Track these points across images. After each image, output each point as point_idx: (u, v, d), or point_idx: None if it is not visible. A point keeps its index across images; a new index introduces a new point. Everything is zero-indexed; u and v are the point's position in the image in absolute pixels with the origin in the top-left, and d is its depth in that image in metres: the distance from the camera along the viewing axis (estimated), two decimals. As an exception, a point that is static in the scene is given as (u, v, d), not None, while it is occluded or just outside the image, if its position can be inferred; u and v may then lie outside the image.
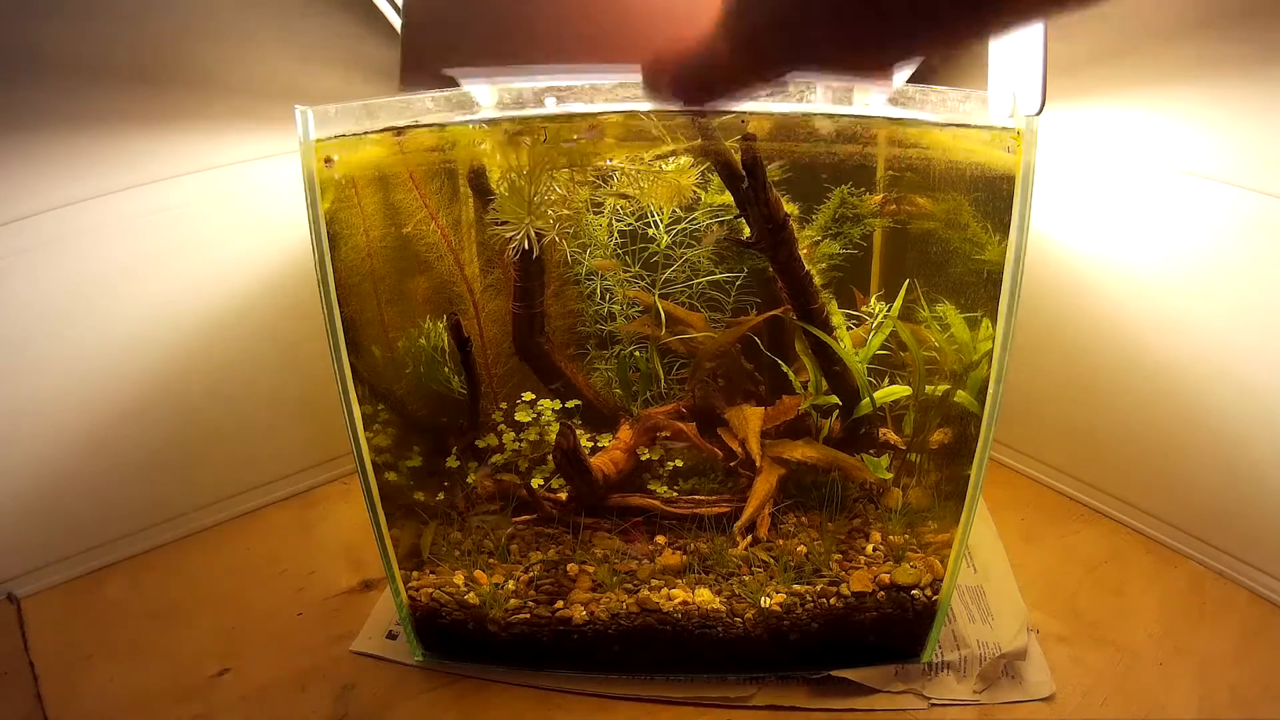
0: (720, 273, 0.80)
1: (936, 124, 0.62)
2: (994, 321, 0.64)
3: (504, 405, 0.84)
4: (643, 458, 0.84)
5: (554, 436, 0.78)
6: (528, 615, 0.76)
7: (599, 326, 0.83)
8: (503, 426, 0.84)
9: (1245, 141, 0.77)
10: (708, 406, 0.85)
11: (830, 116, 0.61)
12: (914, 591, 0.75)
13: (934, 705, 0.75)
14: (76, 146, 0.81)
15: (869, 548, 0.80)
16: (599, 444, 0.84)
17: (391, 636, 0.83)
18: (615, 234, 0.79)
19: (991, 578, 0.89)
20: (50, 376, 0.86)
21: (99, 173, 0.83)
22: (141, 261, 0.88)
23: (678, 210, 0.77)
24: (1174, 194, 0.83)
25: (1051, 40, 0.65)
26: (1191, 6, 0.77)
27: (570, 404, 0.84)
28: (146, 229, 0.87)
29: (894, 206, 0.78)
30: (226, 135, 0.89)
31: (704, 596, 0.76)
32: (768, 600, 0.75)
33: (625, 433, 0.84)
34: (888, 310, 0.79)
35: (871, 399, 0.80)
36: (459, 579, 0.78)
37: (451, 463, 0.82)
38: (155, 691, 0.77)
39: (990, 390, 0.66)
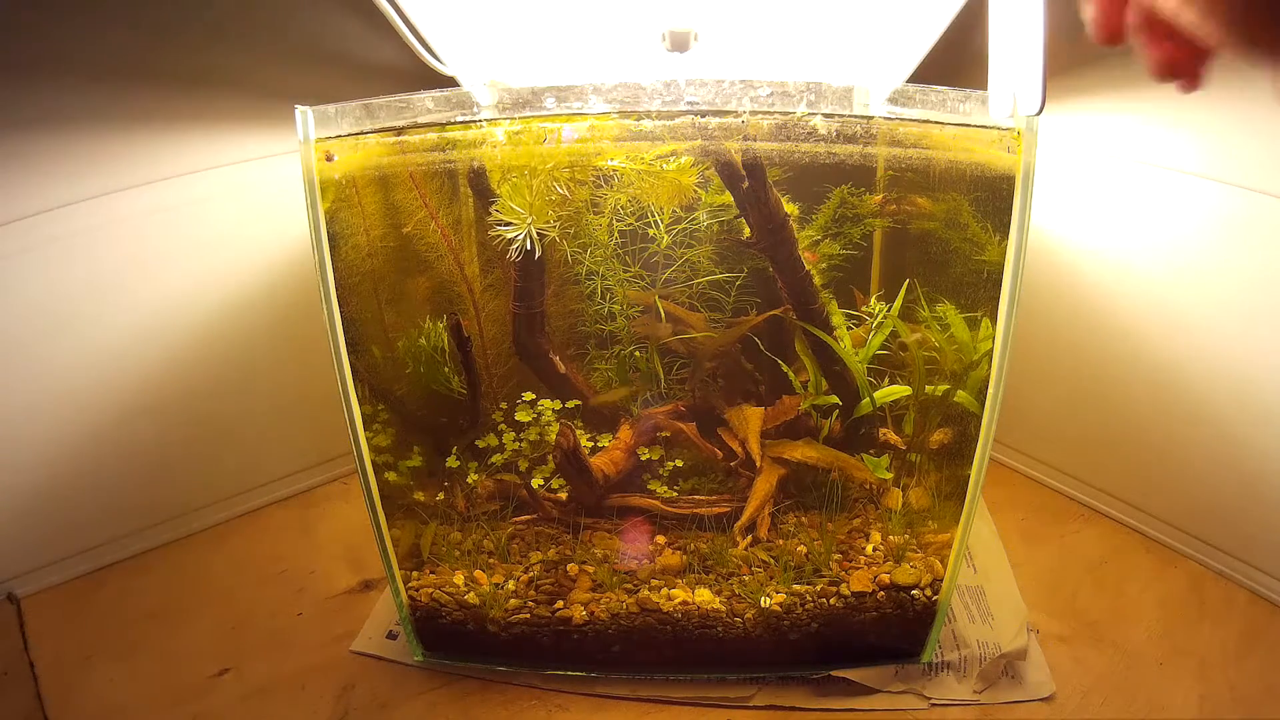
0: (720, 273, 0.80)
1: (936, 124, 0.62)
2: (994, 321, 0.64)
3: (504, 405, 0.84)
4: (643, 458, 0.84)
5: (554, 436, 0.78)
6: (528, 615, 0.76)
7: (599, 326, 0.83)
8: (503, 426, 0.84)
9: (1245, 142, 0.77)
10: (708, 406, 0.85)
11: (830, 116, 0.61)
12: (914, 591, 0.75)
13: (934, 705, 0.75)
14: (76, 146, 0.81)
15: (869, 548, 0.80)
16: (599, 444, 0.84)
17: (391, 636, 0.83)
18: (615, 234, 0.79)
19: (991, 578, 0.89)
20: (51, 377, 0.86)
21: (98, 173, 0.83)
22: (142, 262, 0.88)
23: (678, 210, 0.77)
24: (1175, 194, 0.83)
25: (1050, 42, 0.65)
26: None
27: (570, 404, 0.84)
28: (147, 229, 0.87)
29: (894, 206, 0.78)
30: (227, 135, 0.89)
31: (704, 596, 0.76)
32: (768, 600, 0.75)
33: (625, 433, 0.84)
34: (888, 310, 0.79)
35: (871, 399, 0.80)
36: (459, 579, 0.78)
37: (451, 463, 0.82)
38: (155, 691, 0.77)
39: (990, 390, 0.66)
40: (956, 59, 0.81)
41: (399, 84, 0.63)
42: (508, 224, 0.70)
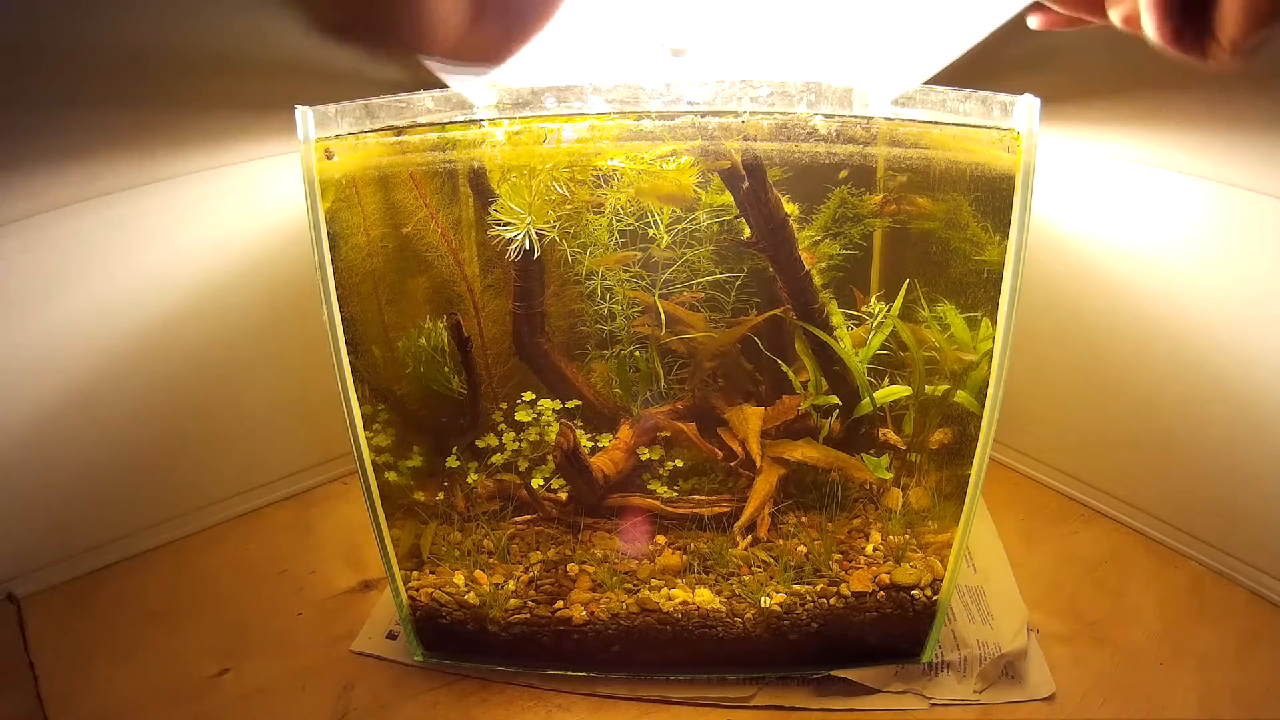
0: (720, 273, 0.80)
1: (936, 124, 0.62)
2: (994, 321, 0.64)
3: (504, 405, 0.84)
4: (643, 458, 0.84)
5: (554, 436, 0.78)
6: (528, 615, 0.76)
7: (599, 326, 0.83)
8: (503, 426, 0.84)
9: (1247, 144, 0.77)
10: (708, 406, 0.85)
11: (830, 116, 0.61)
12: (914, 591, 0.75)
13: (934, 705, 0.75)
14: (79, 145, 0.81)
15: (869, 548, 0.80)
16: (599, 444, 0.84)
17: (391, 636, 0.83)
18: (615, 234, 0.79)
19: (991, 578, 0.89)
20: (51, 377, 0.86)
21: (99, 174, 0.83)
22: (143, 261, 0.88)
23: (678, 210, 0.77)
24: (1175, 195, 0.83)
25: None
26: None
27: (570, 404, 0.84)
28: (146, 230, 0.87)
29: (894, 206, 0.78)
30: (229, 135, 0.89)
31: (704, 596, 0.76)
32: (768, 600, 0.75)
33: (625, 433, 0.84)
34: (888, 310, 0.79)
35: (871, 399, 0.80)
36: (459, 579, 0.78)
37: (451, 463, 0.82)
38: (155, 691, 0.77)
39: (990, 390, 0.66)
40: (958, 59, 0.81)
41: (399, 84, 0.63)
42: (507, 224, 0.70)
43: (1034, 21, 0.45)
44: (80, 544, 0.92)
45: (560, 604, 0.76)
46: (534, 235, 0.70)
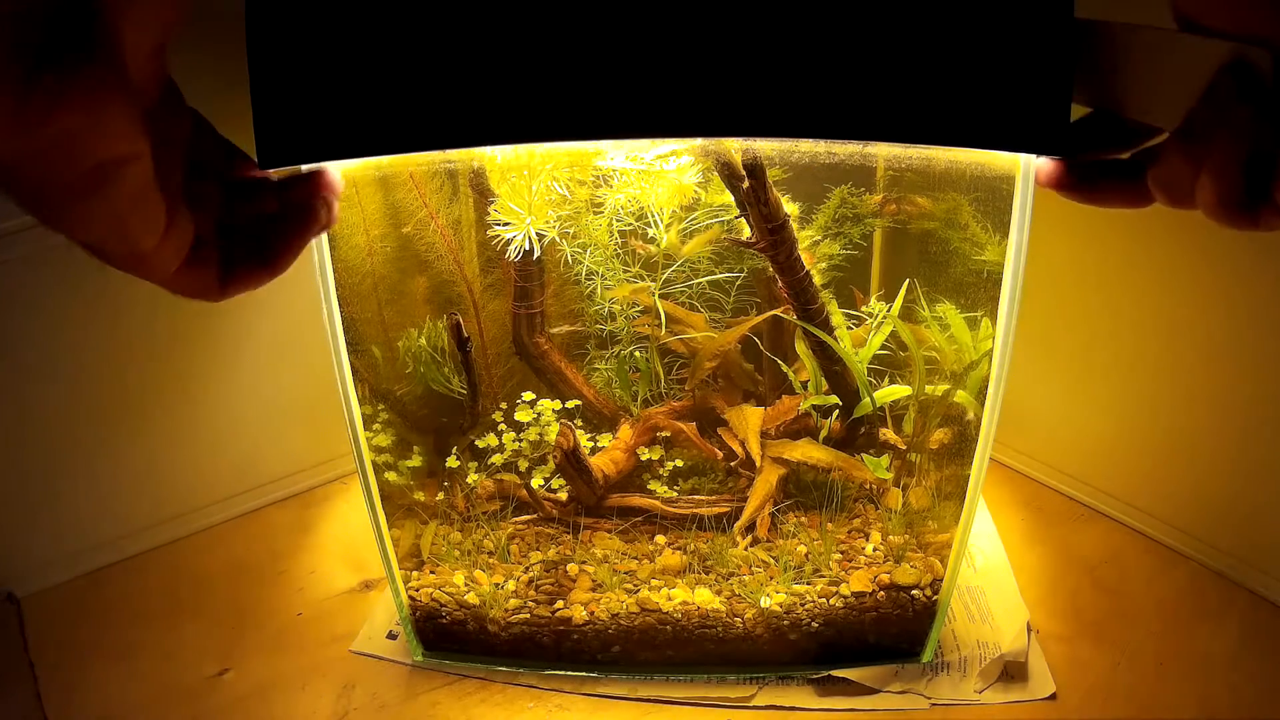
0: (720, 273, 0.80)
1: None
2: (994, 321, 0.64)
3: (504, 405, 0.84)
4: (643, 458, 0.84)
5: (554, 436, 0.78)
6: (528, 615, 0.76)
7: (599, 326, 0.83)
8: (503, 426, 0.84)
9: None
10: (708, 406, 0.85)
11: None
12: (914, 591, 0.75)
13: (935, 705, 0.75)
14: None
15: (869, 548, 0.80)
16: (599, 444, 0.84)
17: (391, 636, 0.83)
18: (615, 234, 0.79)
19: (991, 578, 0.89)
20: (50, 376, 0.86)
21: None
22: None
23: (678, 210, 0.77)
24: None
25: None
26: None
27: (570, 404, 0.84)
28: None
29: (894, 206, 0.78)
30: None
31: (704, 596, 0.76)
32: (768, 600, 0.75)
33: (625, 432, 0.84)
34: (888, 310, 0.79)
35: (871, 399, 0.80)
36: (459, 579, 0.78)
37: (451, 463, 0.82)
38: (155, 691, 0.77)
39: (990, 390, 0.66)
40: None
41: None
42: (506, 224, 0.70)
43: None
44: (80, 544, 0.92)
45: (560, 604, 0.76)
46: (533, 236, 0.70)
